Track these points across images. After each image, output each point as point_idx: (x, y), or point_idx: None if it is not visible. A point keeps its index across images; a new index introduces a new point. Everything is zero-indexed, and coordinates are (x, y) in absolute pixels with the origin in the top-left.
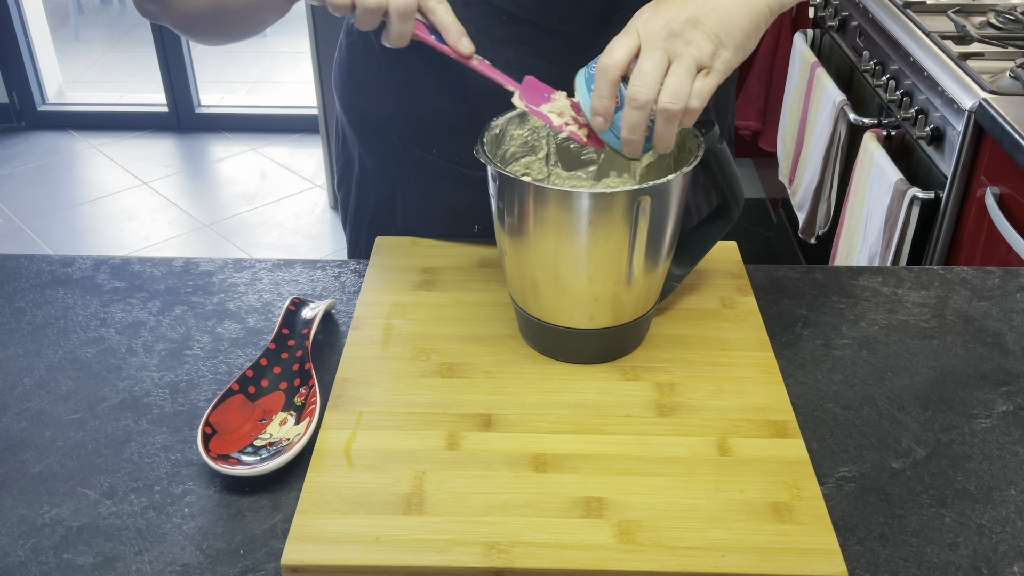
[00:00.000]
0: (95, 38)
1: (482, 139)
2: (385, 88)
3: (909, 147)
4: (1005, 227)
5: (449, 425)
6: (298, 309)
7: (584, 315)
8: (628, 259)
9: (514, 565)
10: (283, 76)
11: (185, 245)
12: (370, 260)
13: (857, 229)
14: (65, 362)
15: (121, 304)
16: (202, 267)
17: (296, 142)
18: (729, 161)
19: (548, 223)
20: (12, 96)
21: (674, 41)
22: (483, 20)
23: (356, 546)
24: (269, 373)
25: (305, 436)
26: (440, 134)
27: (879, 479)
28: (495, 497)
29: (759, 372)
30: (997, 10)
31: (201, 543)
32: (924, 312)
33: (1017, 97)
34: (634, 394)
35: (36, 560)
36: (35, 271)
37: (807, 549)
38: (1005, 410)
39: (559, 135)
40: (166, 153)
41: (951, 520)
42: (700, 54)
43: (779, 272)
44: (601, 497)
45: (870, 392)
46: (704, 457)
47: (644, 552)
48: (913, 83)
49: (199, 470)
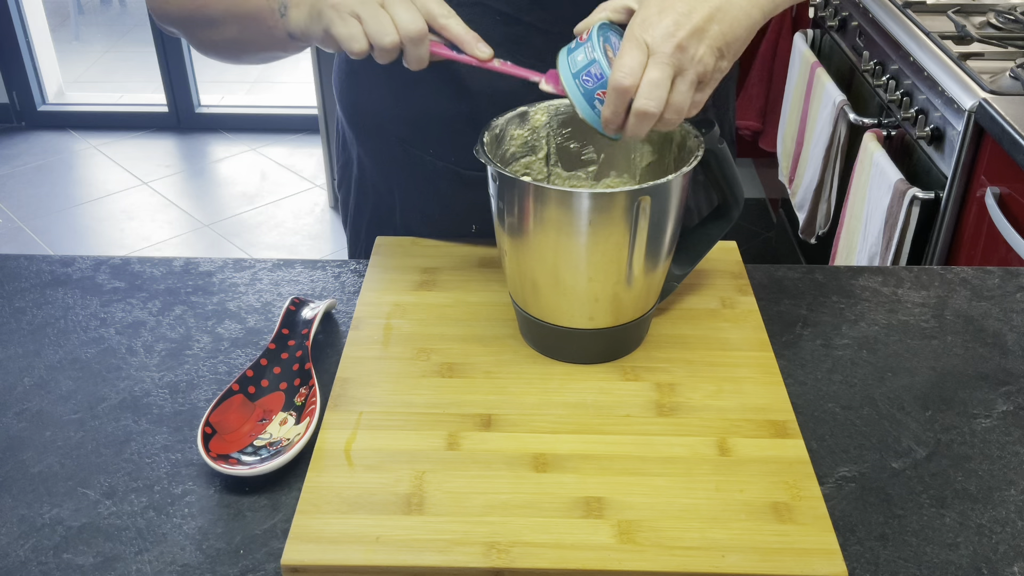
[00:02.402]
0: (95, 38)
1: (482, 139)
2: (384, 89)
3: (909, 147)
4: (1005, 227)
5: (449, 425)
6: (298, 309)
7: (584, 315)
8: (628, 259)
9: (514, 565)
10: (283, 76)
11: (185, 245)
12: (370, 260)
13: (857, 229)
14: (65, 362)
15: (121, 304)
16: (202, 267)
17: (296, 142)
18: (729, 161)
19: (548, 223)
20: (12, 96)
21: (681, 56)
22: (477, 21)
23: (356, 546)
24: (269, 373)
25: (305, 436)
26: (438, 135)
27: (879, 479)
28: (495, 497)
29: (759, 372)
30: (997, 10)
31: (201, 543)
32: (924, 312)
33: (1017, 97)
34: (634, 394)
35: (36, 560)
36: (35, 271)
37: (807, 549)
38: (1005, 410)
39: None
40: (166, 153)
41: (951, 520)
42: (704, 70)
43: (779, 272)
44: (601, 497)
45: (870, 392)
46: (704, 457)
47: (644, 552)
48: (913, 83)
49: (199, 470)
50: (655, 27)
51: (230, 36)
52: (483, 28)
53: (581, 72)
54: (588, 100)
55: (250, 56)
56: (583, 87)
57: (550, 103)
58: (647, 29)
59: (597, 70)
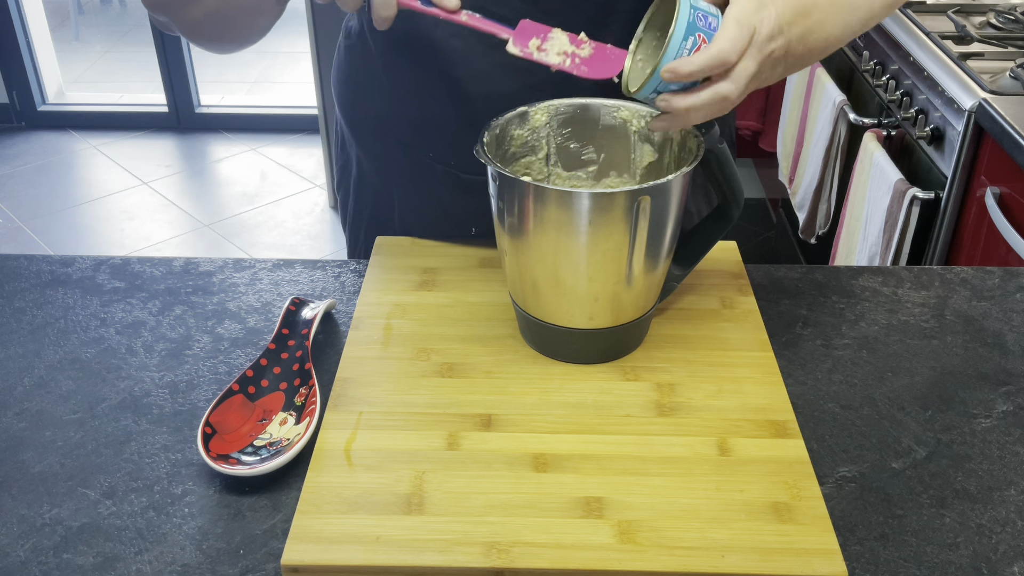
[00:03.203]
0: (95, 38)
1: (482, 139)
2: (383, 91)
3: (909, 147)
4: (1005, 227)
5: (449, 425)
6: (298, 309)
7: (584, 315)
8: (628, 259)
9: (514, 565)
10: (283, 76)
11: (185, 245)
12: (370, 260)
13: (857, 229)
14: (65, 362)
15: (121, 304)
16: (202, 267)
17: (296, 142)
18: (729, 161)
19: (548, 223)
20: (12, 96)
21: (764, 64)
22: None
23: (356, 546)
24: (269, 373)
25: (305, 436)
26: (438, 137)
27: (879, 479)
28: (495, 497)
29: (759, 372)
30: (997, 10)
31: (201, 543)
32: (924, 312)
33: (1017, 97)
34: (634, 394)
35: (36, 560)
36: (35, 271)
37: (807, 549)
38: (1005, 410)
39: (554, 72)
40: (166, 153)
41: (951, 520)
42: (772, 79)
43: (779, 272)
44: (601, 497)
45: (870, 392)
46: (704, 457)
47: (644, 552)
48: (913, 83)
49: (199, 470)
50: (764, 22)
51: (211, 7)
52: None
53: (701, 9)
54: (688, 31)
55: (233, 33)
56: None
57: (550, 103)
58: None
59: (715, 23)
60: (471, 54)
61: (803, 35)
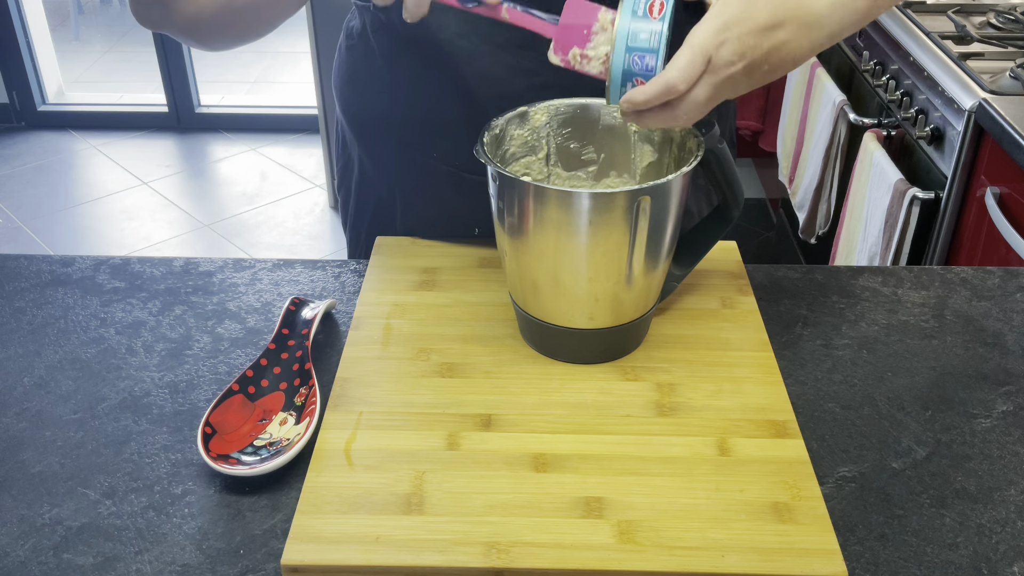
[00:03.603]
0: (95, 38)
1: (482, 139)
2: (384, 90)
3: (909, 147)
4: (1005, 227)
5: (449, 425)
6: (298, 309)
7: (584, 315)
8: (628, 259)
9: (514, 565)
10: (283, 76)
11: (185, 245)
12: (370, 260)
13: (857, 229)
14: (65, 362)
15: (121, 304)
16: (202, 267)
17: (296, 142)
18: (729, 161)
19: (548, 223)
20: (12, 96)
21: (726, 84)
22: (484, 26)
23: (356, 546)
24: (269, 373)
25: (305, 436)
26: (440, 137)
27: (879, 479)
28: (495, 497)
29: (759, 372)
30: (997, 10)
31: (201, 543)
32: (924, 312)
33: (1017, 97)
34: (634, 394)
35: (36, 560)
36: (35, 271)
37: (807, 549)
38: (1005, 410)
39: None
40: (166, 153)
41: (951, 520)
42: (735, 95)
43: (779, 272)
44: (601, 497)
45: (870, 392)
46: (704, 457)
47: (644, 552)
48: (913, 83)
49: (199, 470)
50: (722, 47)
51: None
52: (490, 33)
53: (637, 50)
54: (625, 76)
55: (241, 18)
56: (628, 63)
57: (550, 103)
58: (713, 44)
59: (652, 61)
60: (477, 54)
61: (768, 55)
